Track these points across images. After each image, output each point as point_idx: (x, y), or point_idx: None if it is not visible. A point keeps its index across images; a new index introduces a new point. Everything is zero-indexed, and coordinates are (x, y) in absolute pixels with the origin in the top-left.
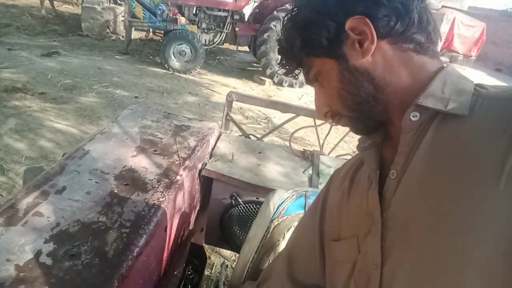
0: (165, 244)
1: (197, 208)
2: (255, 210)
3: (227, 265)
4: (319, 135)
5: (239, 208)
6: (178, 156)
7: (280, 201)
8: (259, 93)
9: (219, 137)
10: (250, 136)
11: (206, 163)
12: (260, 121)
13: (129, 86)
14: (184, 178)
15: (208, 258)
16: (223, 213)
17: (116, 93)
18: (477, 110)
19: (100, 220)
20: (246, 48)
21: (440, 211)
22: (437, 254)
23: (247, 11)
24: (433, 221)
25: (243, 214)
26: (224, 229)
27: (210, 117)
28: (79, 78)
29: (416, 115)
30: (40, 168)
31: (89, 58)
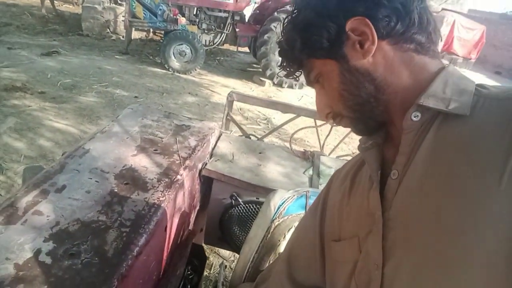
0: (165, 243)
1: (197, 208)
2: (255, 210)
3: (226, 266)
4: (319, 136)
5: (239, 208)
6: (179, 156)
7: (281, 201)
8: (258, 94)
9: (219, 137)
10: (251, 136)
11: (207, 163)
12: (259, 122)
13: (129, 86)
14: (184, 177)
15: (207, 258)
16: (223, 213)
17: (115, 93)
18: (478, 110)
19: (100, 219)
20: (246, 49)
21: (441, 211)
22: (438, 254)
23: (248, 12)
24: (434, 221)
25: (243, 214)
26: (224, 229)
27: (210, 118)
28: (79, 78)
29: (418, 115)
30: (40, 167)
31: (89, 57)
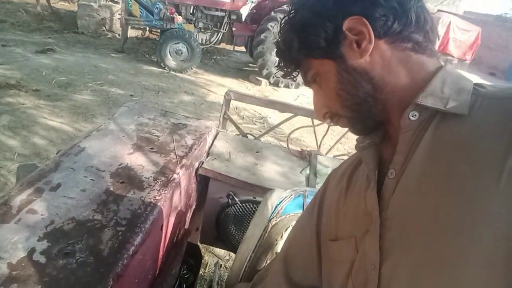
0: (161, 243)
1: (193, 207)
2: (251, 209)
3: (221, 265)
4: (316, 135)
5: (236, 208)
6: (175, 154)
7: (278, 201)
8: (255, 93)
9: (216, 136)
10: (248, 135)
11: (203, 162)
12: (255, 121)
13: (125, 85)
14: (181, 176)
15: (202, 257)
16: (219, 212)
17: (111, 91)
18: (476, 110)
19: (96, 218)
20: (243, 48)
21: (439, 211)
22: (436, 253)
23: (245, 11)
24: (431, 220)
25: (240, 213)
26: (220, 229)
27: (206, 117)
28: (74, 76)
29: (416, 115)
30: (34, 165)
31: (85, 55)
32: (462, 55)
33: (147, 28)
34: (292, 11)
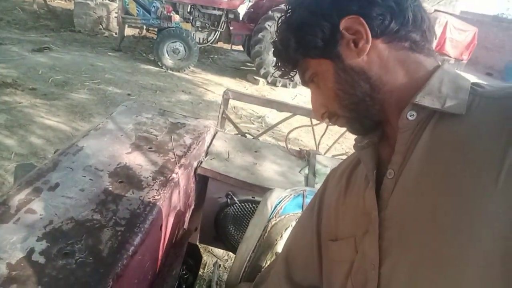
0: (160, 243)
1: (192, 207)
2: (250, 209)
3: (220, 265)
4: (315, 135)
5: (235, 207)
6: (174, 154)
7: (278, 200)
8: (253, 92)
9: (215, 135)
10: (246, 134)
11: (202, 161)
12: (253, 120)
13: (122, 83)
14: (179, 176)
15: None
16: (218, 212)
17: (108, 90)
18: (474, 109)
19: (94, 218)
20: (240, 48)
21: (437, 210)
22: (434, 253)
23: (242, 10)
24: (430, 220)
25: (239, 213)
26: (219, 228)
27: (203, 116)
28: (71, 74)
29: (413, 114)
30: (32, 164)
31: (81, 54)
32: (459, 55)
33: (144, 27)
34: (289, 11)
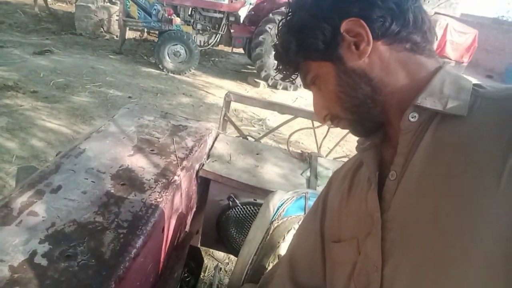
0: (162, 245)
1: (194, 209)
2: (252, 212)
3: (221, 268)
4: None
5: (237, 210)
6: (176, 156)
7: (280, 203)
8: (253, 95)
9: (216, 137)
10: (248, 137)
11: (204, 164)
12: (254, 123)
13: (123, 86)
14: (181, 178)
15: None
16: (220, 214)
17: (109, 93)
18: (476, 110)
19: (97, 220)
20: (241, 50)
21: (439, 212)
22: (437, 254)
23: (243, 13)
24: (432, 221)
25: (241, 216)
26: (220, 231)
27: (204, 119)
28: (72, 77)
29: (415, 116)
30: (33, 167)
31: (83, 57)
32: (459, 58)
33: (145, 30)
34: (290, 13)
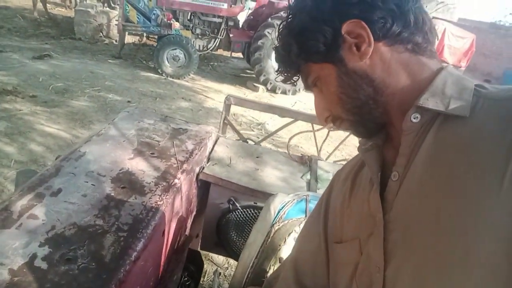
0: (163, 249)
1: (194, 212)
2: (253, 215)
3: (220, 273)
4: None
5: (237, 213)
6: (176, 159)
7: (281, 205)
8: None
9: (216, 141)
10: (248, 140)
11: (204, 167)
12: (253, 127)
13: (122, 91)
14: (182, 181)
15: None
16: (220, 218)
17: (108, 97)
18: (478, 111)
19: (97, 223)
20: (240, 55)
21: (442, 212)
22: (439, 255)
23: (242, 17)
24: (434, 222)
25: (241, 219)
26: (220, 234)
27: (204, 123)
28: (71, 82)
29: (417, 117)
30: (33, 171)
31: (82, 61)
32: (457, 62)
33: (145, 34)
34: (290, 16)
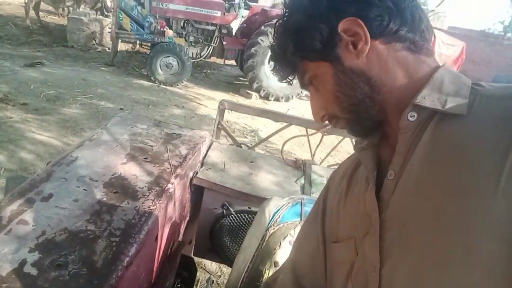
0: (155, 254)
1: (187, 218)
2: (247, 220)
3: (213, 281)
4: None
5: (231, 218)
6: (169, 164)
7: (276, 209)
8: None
9: (210, 146)
10: (242, 145)
11: (198, 172)
12: (246, 134)
13: (114, 98)
14: (175, 186)
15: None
16: (213, 223)
17: (100, 104)
18: (475, 109)
19: (89, 228)
20: (233, 62)
21: (439, 211)
22: (438, 253)
23: (235, 25)
24: (432, 221)
25: (235, 224)
26: (214, 240)
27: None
28: (63, 89)
29: (414, 115)
30: (23, 177)
31: (74, 69)
32: None
33: (138, 42)
34: (286, 14)
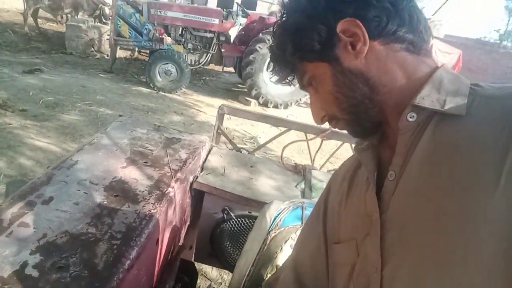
0: (156, 257)
1: (188, 223)
2: (247, 225)
3: None
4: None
5: (231, 223)
6: (170, 168)
7: (277, 213)
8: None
9: (210, 150)
10: (242, 150)
11: (198, 176)
12: (245, 141)
13: (113, 105)
14: (175, 190)
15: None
16: (214, 227)
17: (99, 111)
18: (474, 110)
19: (90, 231)
20: (232, 69)
21: (440, 211)
22: (439, 254)
23: (233, 32)
24: (432, 221)
25: (235, 229)
26: (214, 245)
27: None
28: (62, 96)
29: (413, 116)
30: (23, 181)
31: (73, 76)
32: None
33: (136, 49)
34: (285, 15)
